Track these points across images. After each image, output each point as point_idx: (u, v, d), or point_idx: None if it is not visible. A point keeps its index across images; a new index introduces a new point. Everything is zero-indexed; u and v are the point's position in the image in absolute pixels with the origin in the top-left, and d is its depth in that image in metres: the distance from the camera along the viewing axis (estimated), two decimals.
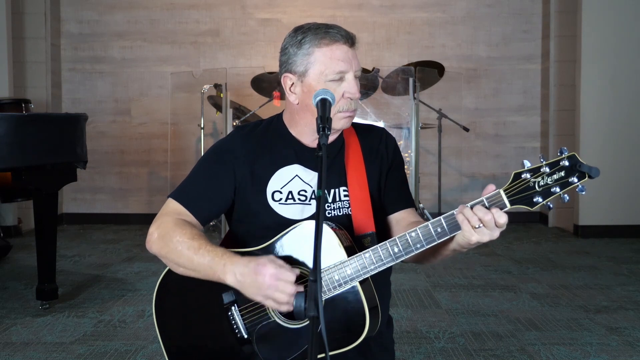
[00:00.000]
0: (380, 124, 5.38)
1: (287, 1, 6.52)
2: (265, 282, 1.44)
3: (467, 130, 5.84)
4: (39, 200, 3.47)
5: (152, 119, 6.57)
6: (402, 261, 1.48)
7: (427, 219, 1.49)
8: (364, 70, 5.55)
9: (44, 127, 3.43)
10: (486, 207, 1.38)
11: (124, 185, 6.61)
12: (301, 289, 1.46)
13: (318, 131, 1.41)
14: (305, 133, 1.68)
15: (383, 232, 1.71)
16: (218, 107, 5.69)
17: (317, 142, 1.49)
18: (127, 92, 6.59)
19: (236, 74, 6.19)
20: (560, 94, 6.19)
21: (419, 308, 3.50)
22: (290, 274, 1.45)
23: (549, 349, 2.85)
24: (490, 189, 1.41)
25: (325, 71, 1.58)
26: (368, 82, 5.56)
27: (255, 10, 6.55)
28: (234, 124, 5.42)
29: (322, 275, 1.47)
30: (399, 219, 1.71)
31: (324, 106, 1.48)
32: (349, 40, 1.60)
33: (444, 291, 3.83)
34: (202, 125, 5.73)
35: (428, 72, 5.65)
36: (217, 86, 5.58)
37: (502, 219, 1.37)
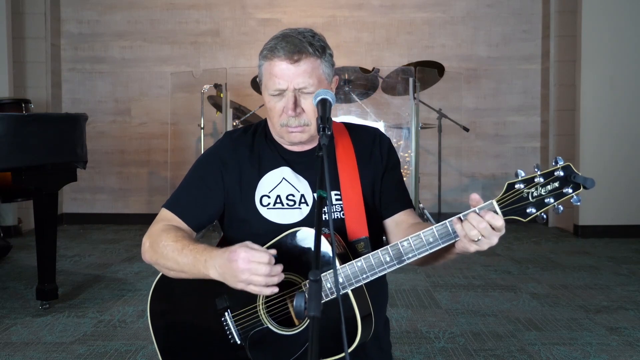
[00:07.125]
0: (380, 124, 5.38)
1: (287, 1, 6.52)
2: (239, 267, 1.41)
3: (467, 130, 5.84)
4: (39, 200, 3.47)
5: (152, 119, 6.57)
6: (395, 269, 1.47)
7: (427, 220, 1.47)
8: (364, 71, 5.55)
9: (44, 127, 3.42)
10: (479, 215, 1.35)
11: (124, 185, 6.61)
12: (279, 268, 1.42)
13: (318, 131, 1.41)
14: (276, 137, 1.69)
15: (380, 236, 1.70)
16: (218, 107, 5.69)
17: (292, 145, 1.64)
18: (127, 92, 6.59)
19: (236, 74, 6.19)
20: (560, 94, 6.19)
21: (419, 308, 3.50)
22: (263, 255, 1.41)
23: (549, 349, 2.85)
24: (475, 198, 1.38)
25: (267, 85, 1.59)
26: (368, 82, 5.56)
27: (255, 10, 6.55)
28: (234, 123, 5.42)
29: None
30: (399, 221, 1.68)
31: (324, 106, 1.46)
32: (294, 55, 1.54)
33: (444, 291, 3.83)
34: (202, 125, 5.73)
35: (428, 72, 5.65)
36: (217, 86, 5.58)
37: (498, 222, 1.34)
